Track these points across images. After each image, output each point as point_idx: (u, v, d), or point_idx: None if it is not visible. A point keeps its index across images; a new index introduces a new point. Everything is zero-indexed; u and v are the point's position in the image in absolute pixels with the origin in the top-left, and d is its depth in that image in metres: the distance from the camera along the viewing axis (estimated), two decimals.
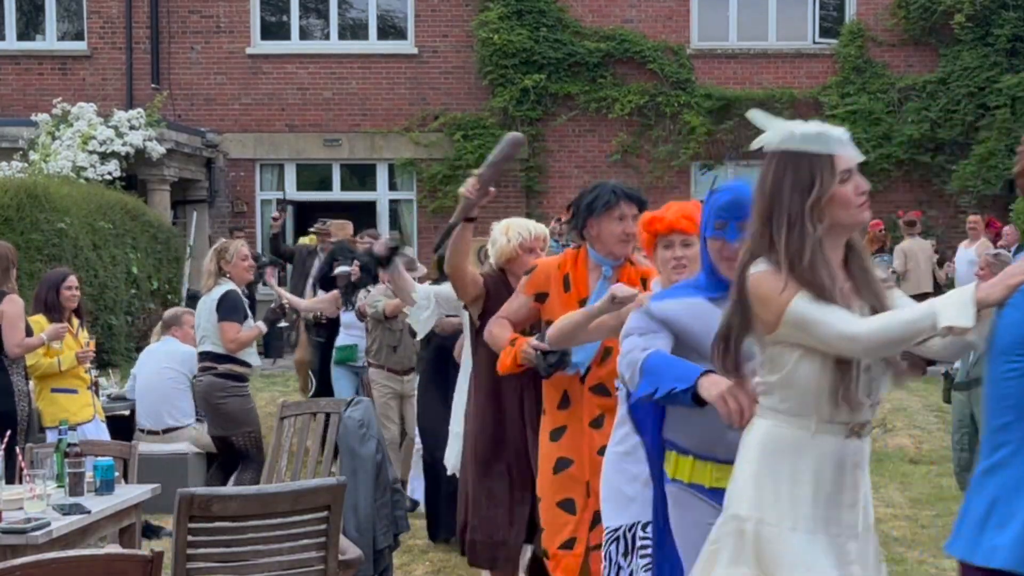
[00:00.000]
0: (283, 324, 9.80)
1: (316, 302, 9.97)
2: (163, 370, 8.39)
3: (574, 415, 4.68)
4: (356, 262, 9.44)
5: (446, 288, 5.86)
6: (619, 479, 4.11)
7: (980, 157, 17.00)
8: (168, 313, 9.19)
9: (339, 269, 9.71)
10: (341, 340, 9.50)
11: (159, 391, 8.44)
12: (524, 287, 4.87)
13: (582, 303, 4.62)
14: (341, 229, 11.59)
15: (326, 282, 10.09)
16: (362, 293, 8.99)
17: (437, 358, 7.31)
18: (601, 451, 4.46)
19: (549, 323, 4.62)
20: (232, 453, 7.69)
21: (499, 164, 5.03)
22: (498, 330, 4.83)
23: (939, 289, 14.71)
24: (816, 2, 18.28)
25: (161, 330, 8.93)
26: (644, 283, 4.57)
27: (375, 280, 8.88)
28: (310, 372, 10.25)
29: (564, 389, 4.71)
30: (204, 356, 7.58)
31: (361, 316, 8.69)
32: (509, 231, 5.40)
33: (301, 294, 10.99)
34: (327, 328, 9.89)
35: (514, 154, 5.07)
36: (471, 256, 5.76)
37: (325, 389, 9.72)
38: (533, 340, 4.53)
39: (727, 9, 18.26)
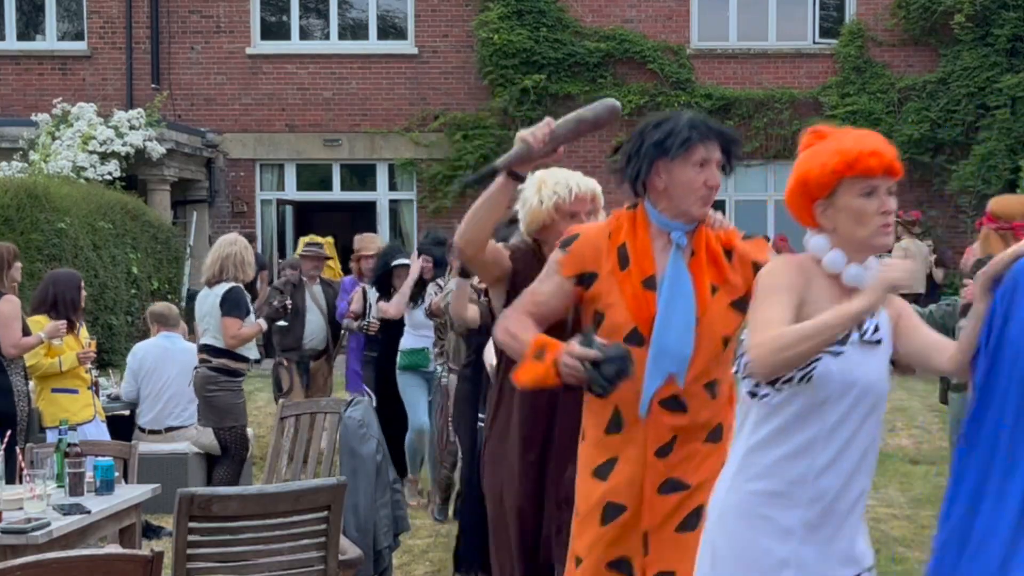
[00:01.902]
0: (283, 323, 9.45)
1: (397, 304, 8.56)
2: (189, 370, 8.32)
3: (632, 440, 3.38)
4: (424, 256, 8.45)
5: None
6: (761, 532, 2.88)
7: (980, 157, 17.01)
8: (165, 309, 9.01)
9: (398, 261, 8.75)
10: (408, 343, 8.48)
11: (178, 389, 8.38)
12: (560, 265, 3.47)
13: (647, 284, 3.37)
14: (371, 243, 10.14)
15: (382, 283, 8.93)
16: (431, 288, 8.20)
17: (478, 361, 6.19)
18: (667, 488, 3.38)
19: (599, 316, 3.42)
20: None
21: (584, 127, 3.76)
22: (516, 327, 3.44)
23: (935, 289, 14.73)
24: (816, 2, 18.29)
25: (170, 325, 8.76)
26: (729, 254, 3.44)
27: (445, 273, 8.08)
28: (367, 390, 8.96)
29: (615, 405, 3.38)
30: (202, 349, 7.69)
31: (432, 315, 7.89)
32: (543, 188, 4.05)
33: (300, 336, 9.72)
34: (382, 342, 8.88)
35: (605, 123, 3.81)
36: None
37: (388, 405, 8.54)
38: (577, 345, 3.21)
39: (727, 9, 18.27)
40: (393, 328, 8.73)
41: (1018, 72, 17.11)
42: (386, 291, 8.87)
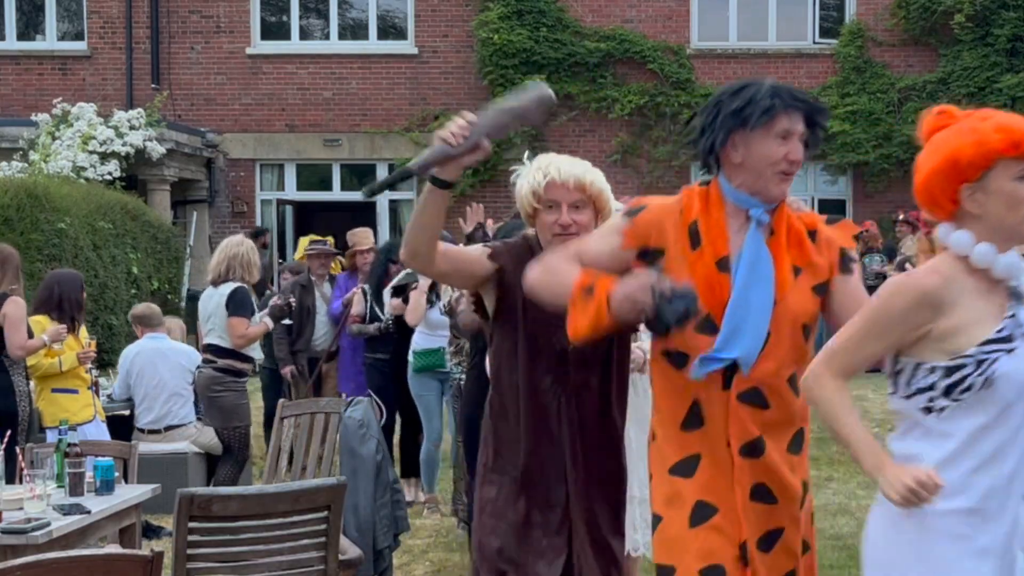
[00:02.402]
0: (287, 322, 9.22)
1: (415, 311, 7.97)
2: (185, 371, 8.28)
3: (714, 438, 3.05)
4: None
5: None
6: (958, 554, 2.61)
7: None
8: (146, 310, 8.93)
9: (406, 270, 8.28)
10: (421, 343, 7.96)
11: (174, 388, 8.38)
12: (621, 234, 3.13)
13: (721, 265, 3.04)
14: (365, 238, 9.78)
15: (398, 287, 8.39)
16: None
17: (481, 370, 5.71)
18: (758, 496, 3.05)
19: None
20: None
21: (509, 117, 3.42)
22: (557, 262, 3.14)
23: None
24: (816, 2, 18.29)
25: (152, 325, 8.68)
26: (812, 235, 3.11)
27: None
28: (375, 400, 8.22)
29: (694, 397, 3.05)
30: (207, 349, 7.70)
31: (451, 314, 7.32)
32: (528, 174, 3.63)
33: (310, 337, 9.45)
34: (397, 343, 8.46)
35: (533, 115, 3.41)
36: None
37: (404, 411, 8.49)
38: (651, 273, 2.94)
39: (727, 9, 18.27)
40: (407, 328, 8.25)
41: (1018, 72, 17.12)
42: (401, 291, 8.35)
